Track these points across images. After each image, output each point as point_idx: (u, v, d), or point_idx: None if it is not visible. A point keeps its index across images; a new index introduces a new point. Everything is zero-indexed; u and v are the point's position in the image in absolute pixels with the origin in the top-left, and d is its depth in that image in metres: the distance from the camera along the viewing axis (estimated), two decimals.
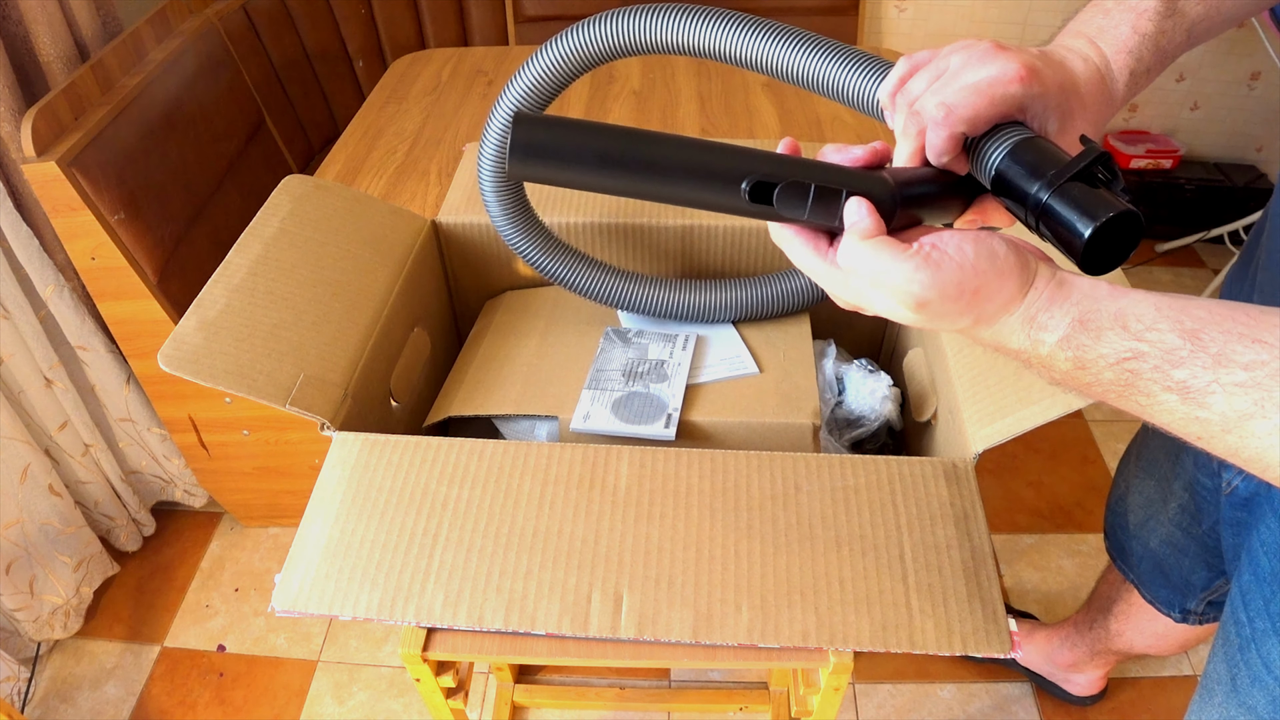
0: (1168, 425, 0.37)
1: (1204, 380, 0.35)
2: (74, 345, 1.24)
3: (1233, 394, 0.34)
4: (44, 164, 1.01)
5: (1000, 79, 0.42)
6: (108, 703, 1.29)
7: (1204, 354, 0.35)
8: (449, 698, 0.71)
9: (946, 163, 0.45)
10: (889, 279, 0.40)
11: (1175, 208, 2.06)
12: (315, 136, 1.74)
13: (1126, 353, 0.36)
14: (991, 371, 0.63)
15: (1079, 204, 0.39)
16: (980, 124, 0.43)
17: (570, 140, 0.40)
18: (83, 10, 1.18)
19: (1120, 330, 0.37)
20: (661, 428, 0.71)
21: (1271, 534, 0.61)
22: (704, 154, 0.42)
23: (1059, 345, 0.38)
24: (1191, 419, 0.35)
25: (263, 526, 1.54)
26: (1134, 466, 0.90)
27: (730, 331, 0.81)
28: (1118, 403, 0.38)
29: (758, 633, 0.54)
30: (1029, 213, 0.42)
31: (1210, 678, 0.69)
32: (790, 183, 0.41)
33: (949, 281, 0.39)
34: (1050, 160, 0.41)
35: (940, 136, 0.44)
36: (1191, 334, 0.35)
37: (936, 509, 0.59)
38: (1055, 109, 0.44)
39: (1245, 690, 0.64)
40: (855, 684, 1.27)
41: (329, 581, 0.57)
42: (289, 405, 0.63)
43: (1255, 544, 0.64)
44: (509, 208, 0.76)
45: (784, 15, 1.81)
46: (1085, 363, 0.38)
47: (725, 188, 0.41)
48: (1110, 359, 0.37)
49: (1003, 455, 1.60)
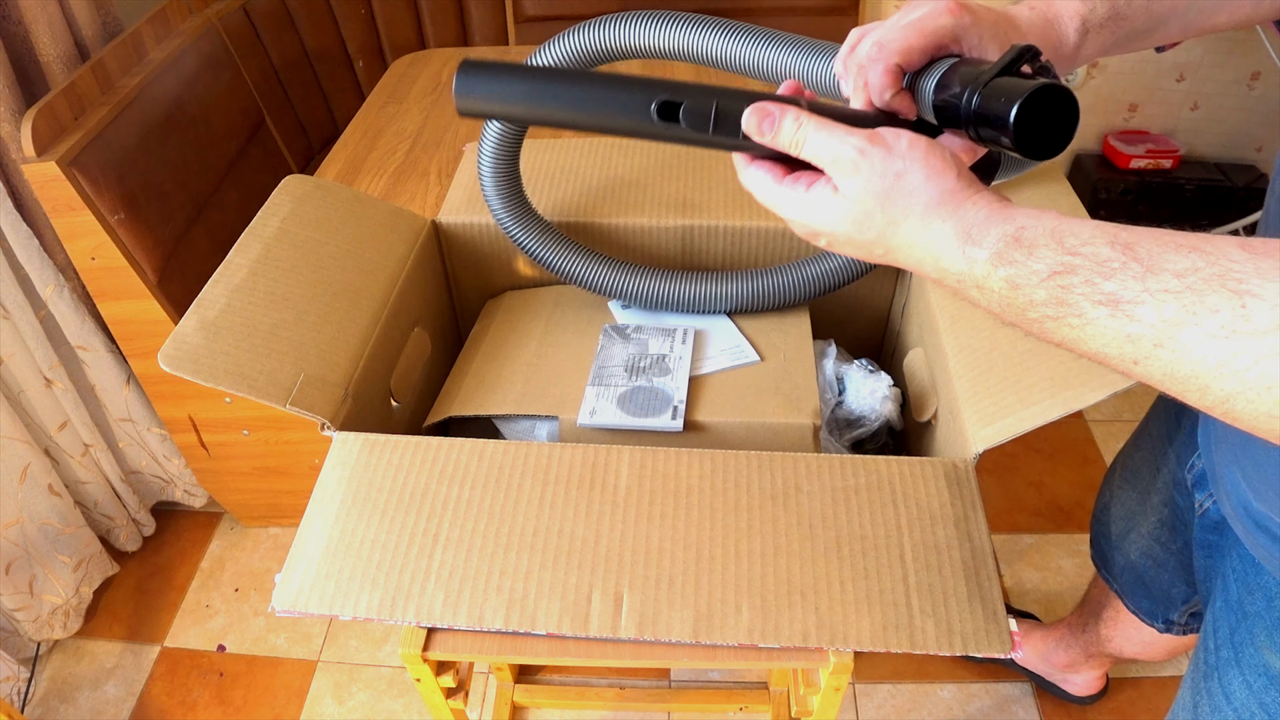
0: (1103, 352, 0.35)
1: (1133, 290, 0.33)
2: (74, 345, 1.23)
3: (1163, 301, 0.32)
4: (44, 164, 1.01)
5: (931, 14, 0.44)
6: (108, 703, 1.29)
7: (1136, 264, 0.33)
8: (449, 698, 0.71)
9: (890, 102, 0.45)
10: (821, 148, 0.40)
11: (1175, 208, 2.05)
12: (315, 136, 1.74)
13: (1059, 265, 0.35)
14: (992, 372, 0.63)
15: (1002, 93, 0.40)
16: (914, 56, 0.44)
17: (502, 81, 0.46)
18: (83, 10, 1.18)
19: (1055, 244, 0.35)
20: (669, 419, 0.71)
21: (1241, 561, 0.60)
22: (616, 86, 0.45)
23: (992, 262, 0.37)
24: (1123, 337, 0.33)
25: (263, 526, 1.54)
26: (1118, 477, 0.89)
27: (727, 324, 0.81)
28: (1054, 329, 0.36)
29: (758, 633, 0.54)
30: (967, 126, 0.42)
31: (1177, 704, 0.69)
32: (692, 101, 0.43)
33: (875, 160, 0.39)
34: (978, 71, 0.42)
35: (877, 72, 0.44)
36: (1126, 245, 0.34)
37: (936, 509, 0.59)
38: (991, 38, 0.45)
39: (1205, 719, 0.63)
40: (855, 684, 1.27)
41: (329, 581, 0.57)
42: (289, 405, 0.63)
43: (1226, 569, 0.63)
44: (508, 200, 0.78)
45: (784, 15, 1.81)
46: (1018, 281, 0.36)
47: (637, 111, 0.44)
48: (1042, 274, 0.35)
49: (1003, 455, 1.60)
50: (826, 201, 0.41)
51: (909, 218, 0.39)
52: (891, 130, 0.40)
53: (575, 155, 0.91)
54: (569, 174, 0.89)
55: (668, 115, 0.43)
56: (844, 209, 0.40)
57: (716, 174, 0.89)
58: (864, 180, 0.39)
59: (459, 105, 0.47)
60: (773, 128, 0.41)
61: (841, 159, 0.40)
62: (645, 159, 0.91)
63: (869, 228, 0.40)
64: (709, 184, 0.88)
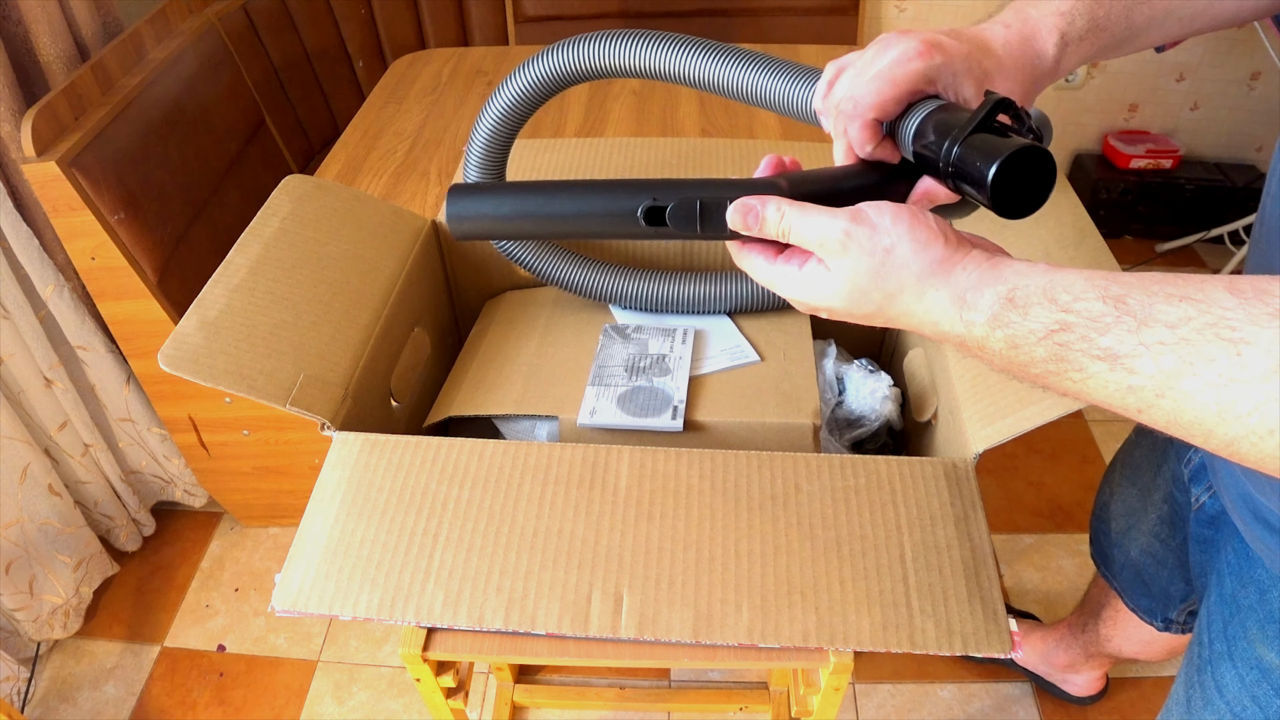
0: (1107, 402, 0.35)
1: (1130, 345, 0.33)
2: (74, 345, 1.24)
3: (1159, 354, 0.32)
4: (44, 164, 1.01)
5: (900, 59, 0.43)
6: (108, 703, 1.29)
7: (1129, 318, 0.34)
8: (449, 698, 0.71)
9: (873, 153, 0.46)
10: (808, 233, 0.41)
11: (1175, 208, 2.06)
12: (315, 136, 1.74)
13: (1054, 324, 0.36)
14: (991, 372, 0.63)
15: (980, 151, 0.40)
16: (890, 106, 0.44)
17: (490, 202, 0.48)
18: (83, 10, 1.18)
19: (1048, 304, 0.36)
20: (669, 419, 0.71)
21: (1236, 555, 0.61)
22: (601, 194, 0.45)
23: (989, 324, 0.38)
24: (1125, 389, 0.34)
25: (263, 526, 1.54)
26: (1118, 475, 0.90)
27: (727, 324, 0.81)
28: (1058, 384, 0.37)
29: (758, 633, 0.54)
30: (947, 178, 0.43)
31: (1171, 698, 0.69)
32: (677, 204, 0.43)
33: (862, 239, 0.40)
34: (955, 122, 0.42)
35: (855, 129, 0.45)
36: (1117, 299, 0.34)
37: (936, 509, 0.59)
38: (967, 73, 0.45)
39: (1198, 712, 0.64)
40: (855, 684, 1.27)
41: (329, 581, 0.57)
42: (289, 405, 0.63)
43: (1221, 564, 0.63)
44: None
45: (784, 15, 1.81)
46: (1017, 341, 0.37)
47: (624, 220, 0.45)
48: (1039, 333, 0.36)
49: (1003, 455, 1.60)
50: (820, 279, 0.42)
51: (904, 291, 0.40)
52: (874, 206, 0.41)
53: (574, 155, 0.92)
54: (568, 174, 0.89)
55: (654, 220, 0.44)
56: (837, 286, 0.41)
57: (716, 174, 0.89)
58: (853, 260, 0.40)
59: (453, 230, 0.48)
60: (757, 221, 0.43)
61: (829, 241, 0.41)
62: (645, 159, 0.91)
63: (866, 302, 0.41)
64: None
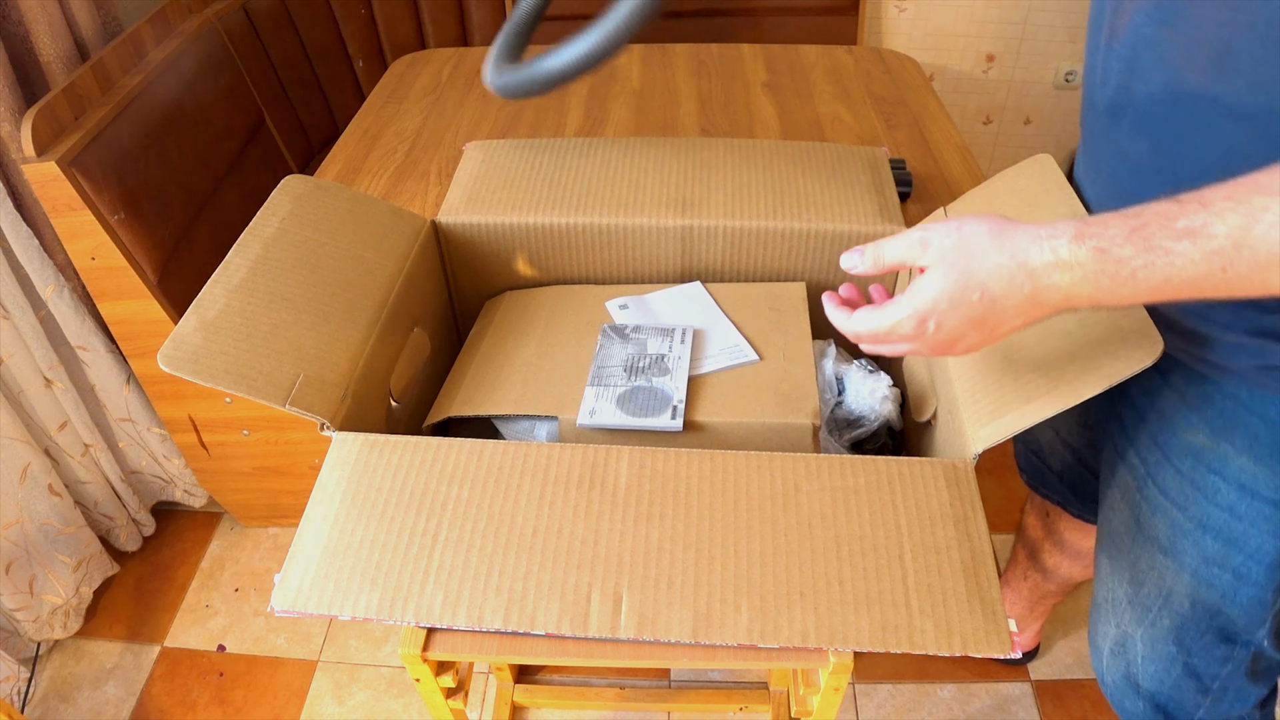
0: (1196, 275, 0.42)
1: (1201, 218, 0.42)
2: (74, 345, 1.24)
3: (1226, 214, 0.41)
4: (44, 164, 1.01)
5: None
6: (108, 703, 1.29)
7: (1191, 203, 0.42)
8: (449, 698, 0.71)
9: None
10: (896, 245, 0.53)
11: None
12: (315, 136, 1.74)
13: (1133, 224, 0.43)
14: (991, 371, 0.63)
15: None
16: None
17: None
18: (83, 10, 1.18)
19: (1118, 216, 0.44)
20: (668, 419, 0.71)
21: (1141, 380, 0.63)
22: None
23: (1075, 240, 0.45)
24: (1209, 253, 0.41)
25: (263, 526, 1.54)
26: None
27: (727, 323, 0.81)
28: (1149, 276, 0.43)
29: (758, 633, 0.54)
30: None
31: (1117, 532, 0.73)
32: None
33: (937, 232, 0.51)
34: None
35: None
36: (1175, 200, 0.43)
37: (936, 509, 0.59)
38: None
39: (1148, 524, 0.69)
40: (855, 684, 1.27)
41: (329, 581, 0.57)
42: (289, 405, 0.63)
43: (1129, 397, 0.70)
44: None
45: (784, 15, 1.81)
46: (1104, 246, 0.44)
47: None
48: (1123, 233, 0.44)
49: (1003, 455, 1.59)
50: (918, 283, 0.51)
51: (985, 249, 0.48)
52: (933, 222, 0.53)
53: (574, 155, 0.92)
54: (568, 173, 0.89)
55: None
56: (933, 275, 0.50)
57: (716, 174, 0.89)
58: (937, 248, 0.50)
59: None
60: (861, 258, 0.56)
61: (913, 244, 0.52)
62: (645, 159, 0.91)
63: (958, 272, 0.49)
64: (709, 184, 0.88)
